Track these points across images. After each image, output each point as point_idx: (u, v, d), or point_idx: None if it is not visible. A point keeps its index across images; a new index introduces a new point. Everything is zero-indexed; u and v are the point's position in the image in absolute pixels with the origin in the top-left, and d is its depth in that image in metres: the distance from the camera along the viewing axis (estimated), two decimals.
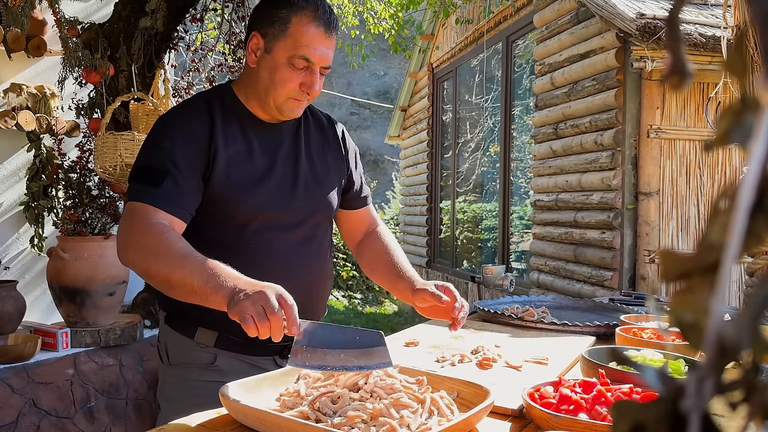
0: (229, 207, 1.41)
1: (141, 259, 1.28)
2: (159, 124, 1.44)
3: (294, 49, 1.38)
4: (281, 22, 1.39)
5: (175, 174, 1.34)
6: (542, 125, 5.19)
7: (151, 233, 1.27)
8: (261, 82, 1.43)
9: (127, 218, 1.33)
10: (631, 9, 3.96)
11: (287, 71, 1.39)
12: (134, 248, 1.29)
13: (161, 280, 1.25)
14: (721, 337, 0.25)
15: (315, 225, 1.53)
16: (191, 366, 1.46)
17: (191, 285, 1.19)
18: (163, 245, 1.25)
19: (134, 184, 1.36)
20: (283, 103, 1.43)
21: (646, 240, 4.08)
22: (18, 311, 2.81)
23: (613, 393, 1.03)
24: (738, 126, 0.28)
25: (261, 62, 1.42)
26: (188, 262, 1.21)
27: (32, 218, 3.90)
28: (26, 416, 2.58)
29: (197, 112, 1.43)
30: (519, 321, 1.84)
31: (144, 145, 1.43)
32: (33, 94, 3.84)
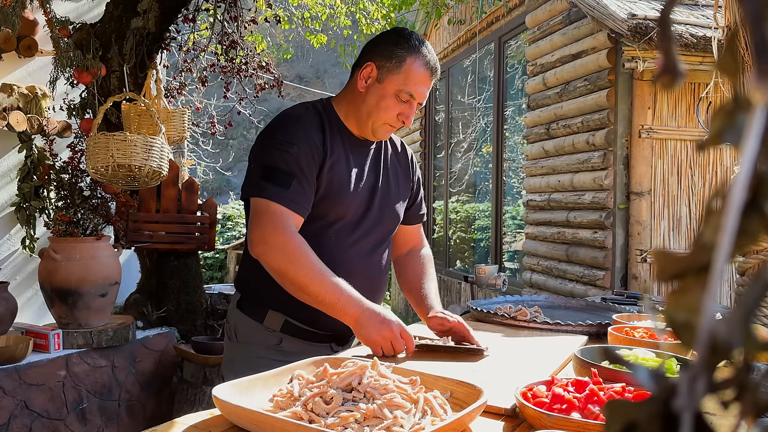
0: (326, 206, 1.61)
1: (283, 264, 1.48)
2: (282, 129, 1.61)
3: (404, 85, 1.61)
4: (398, 60, 1.61)
5: (301, 178, 1.54)
6: (534, 125, 5.21)
7: (294, 242, 1.49)
8: (366, 105, 1.64)
9: (265, 216, 1.51)
10: (622, 9, 3.97)
11: (392, 101, 1.62)
12: (278, 251, 1.49)
13: (297, 285, 1.48)
14: (713, 336, 0.25)
15: (383, 234, 1.74)
16: (259, 345, 1.65)
17: (323, 299, 1.46)
18: (304, 257, 1.48)
19: (264, 182, 1.53)
20: (380, 127, 1.65)
21: (638, 239, 4.10)
22: (9, 312, 2.79)
23: (605, 392, 1.03)
24: (731, 126, 0.28)
25: (371, 89, 1.63)
26: (324, 279, 1.46)
27: (24, 219, 3.87)
28: (18, 418, 2.57)
29: (315, 123, 1.63)
30: (512, 321, 1.84)
31: (266, 144, 1.60)
32: (24, 95, 3.81)
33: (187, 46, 3.82)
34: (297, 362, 1.23)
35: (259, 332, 1.65)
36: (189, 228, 3.66)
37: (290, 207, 1.51)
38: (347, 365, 1.12)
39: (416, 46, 1.63)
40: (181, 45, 3.80)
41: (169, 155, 2.84)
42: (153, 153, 2.67)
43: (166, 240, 3.57)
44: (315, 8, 6.73)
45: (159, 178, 2.80)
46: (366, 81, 1.64)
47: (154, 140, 2.68)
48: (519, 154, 6.16)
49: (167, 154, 2.79)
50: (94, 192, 3.04)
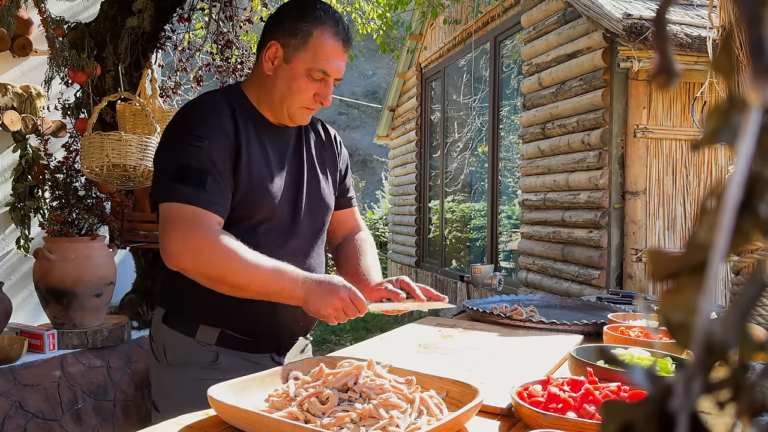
0: (248, 206, 1.45)
1: (213, 269, 1.34)
2: (189, 122, 1.44)
3: (314, 61, 1.44)
4: (303, 35, 1.44)
5: (216, 175, 1.38)
6: (530, 125, 5.21)
7: (219, 241, 1.33)
8: (277, 90, 1.48)
9: (180, 222, 1.34)
10: (617, 9, 3.98)
11: (304, 82, 1.45)
12: (204, 257, 1.34)
13: (236, 287, 1.35)
14: (709, 336, 0.25)
15: (317, 225, 1.60)
16: (192, 365, 1.46)
17: (267, 290, 1.33)
18: (235, 255, 1.32)
19: (176, 184, 1.36)
20: (297, 111, 1.49)
21: (633, 239, 4.11)
22: (4, 313, 2.78)
23: (601, 391, 1.03)
24: (725, 125, 0.28)
25: (279, 71, 1.47)
26: (263, 270, 1.33)
27: (18, 219, 3.86)
28: (12, 419, 2.56)
29: (225, 113, 1.46)
30: (507, 320, 1.84)
31: (173, 142, 1.43)
32: (18, 94, 3.80)
33: (183, 46, 3.81)
34: (292, 362, 1.23)
35: (192, 349, 1.47)
36: None
37: (209, 208, 1.35)
38: (343, 365, 1.12)
39: (322, 17, 1.46)
40: (176, 44, 3.79)
41: None
42: (148, 153, 2.66)
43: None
44: None
45: None
46: (272, 62, 1.47)
47: (150, 140, 2.68)
48: (514, 153, 6.16)
49: None
50: (89, 192, 3.03)
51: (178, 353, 1.48)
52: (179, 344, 1.48)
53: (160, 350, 1.51)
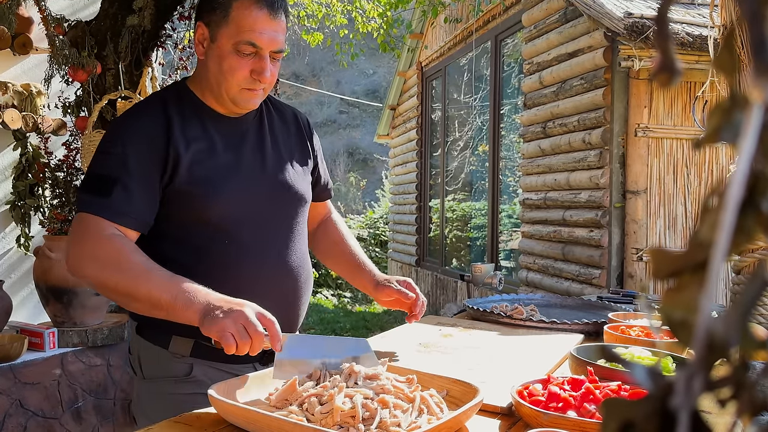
0: (199, 207, 1.34)
1: (98, 272, 1.24)
2: (110, 129, 1.39)
3: (238, 35, 1.31)
4: (222, 9, 1.32)
5: (127, 181, 1.28)
6: (531, 124, 5.21)
7: (108, 245, 1.23)
8: (211, 73, 1.37)
9: (78, 230, 1.28)
10: (618, 8, 3.98)
11: (235, 59, 1.33)
12: (90, 260, 1.25)
13: (122, 293, 1.23)
14: (710, 335, 0.25)
15: (291, 220, 1.47)
16: (167, 379, 1.37)
17: (157, 300, 1.18)
18: (123, 258, 1.22)
19: (83, 194, 1.30)
20: (237, 93, 1.36)
21: (634, 238, 4.10)
22: (4, 311, 2.79)
23: (601, 390, 1.03)
24: (727, 124, 0.28)
25: (208, 53, 1.37)
26: (153, 277, 1.20)
27: (18, 217, 3.86)
28: (13, 417, 2.56)
29: (151, 114, 1.36)
30: (508, 319, 1.84)
31: (95, 151, 1.36)
32: (19, 92, 3.80)
33: (183, 44, 3.81)
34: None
35: (166, 361, 1.37)
36: None
37: (108, 217, 1.26)
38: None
39: None
40: (176, 43, 3.79)
41: None
42: None
43: None
44: (311, 7, 6.73)
45: None
46: (202, 45, 1.37)
47: None
48: (515, 152, 6.16)
49: None
50: None
51: (152, 366, 1.39)
52: (153, 356, 1.39)
53: (136, 363, 1.43)
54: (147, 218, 1.31)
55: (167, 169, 1.31)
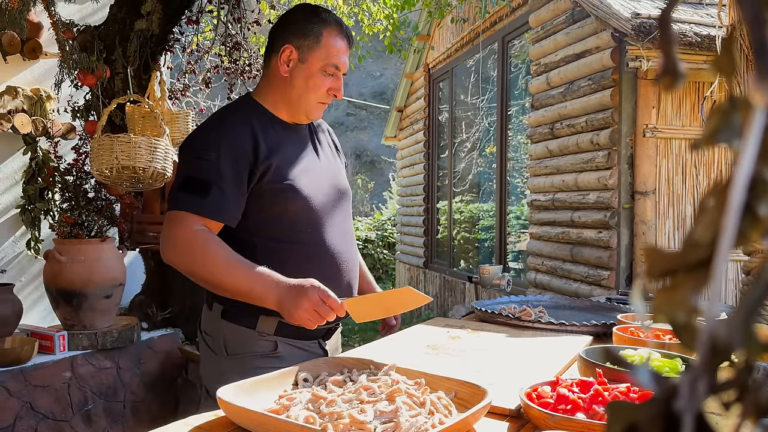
0: (282, 202, 1.56)
1: (191, 264, 1.47)
2: (201, 137, 1.58)
3: (327, 58, 1.60)
4: (314, 36, 1.60)
5: (221, 184, 1.49)
6: (538, 125, 5.20)
7: (197, 238, 1.45)
8: (295, 89, 1.61)
9: (174, 225, 1.48)
10: (626, 9, 3.96)
11: (320, 78, 1.60)
12: (184, 253, 1.46)
13: (210, 283, 1.47)
14: (714, 337, 0.25)
15: (346, 213, 1.72)
16: (254, 355, 1.56)
17: (239, 289, 1.44)
18: (212, 252, 1.44)
19: (182, 193, 1.49)
20: (314, 106, 1.63)
21: (643, 239, 4.09)
22: (15, 314, 2.80)
23: (610, 392, 1.03)
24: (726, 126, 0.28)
25: (295, 71, 1.61)
26: (234, 269, 1.43)
27: (29, 221, 3.89)
28: (23, 419, 2.58)
29: (238, 125, 1.56)
30: (516, 321, 1.84)
31: (187, 155, 1.56)
32: (29, 97, 3.83)
33: (191, 48, 3.83)
34: (300, 364, 1.23)
35: (253, 340, 1.56)
36: None
37: (205, 215, 1.48)
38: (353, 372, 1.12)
39: (328, 18, 1.64)
40: (184, 47, 3.81)
41: (173, 157, 2.84)
42: (157, 155, 2.68)
43: None
44: None
45: (163, 180, 2.80)
46: (288, 65, 1.61)
47: (159, 142, 2.69)
48: (523, 153, 6.15)
49: (171, 156, 2.80)
50: (99, 194, 3.05)
51: (239, 345, 1.57)
52: (240, 337, 1.57)
53: (218, 343, 1.59)
54: (237, 214, 1.53)
55: (256, 173, 1.53)
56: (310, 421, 0.94)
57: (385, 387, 1.05)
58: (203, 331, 1.66)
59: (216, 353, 1.60)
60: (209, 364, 1.64)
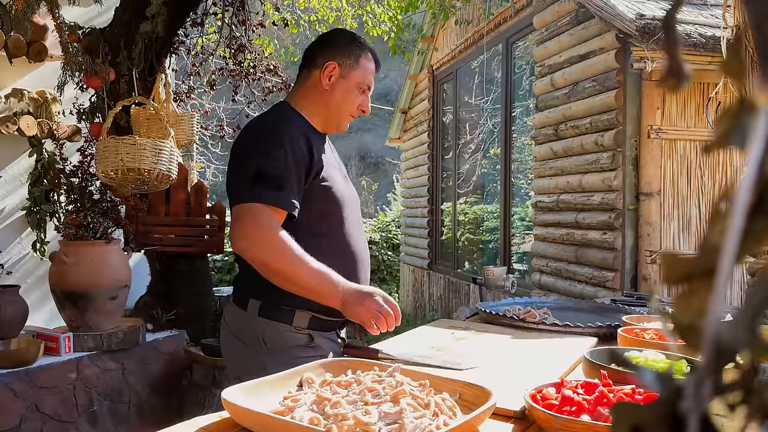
0: (328, 202, 1.76)
1: (264, 255, 1.59)
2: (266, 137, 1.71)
3: (362, 77, 1.82)
4: (355, 57, 1.82)
5: (291, 179, 1.65)
6: (543, 126, 5.19)
7: (275, 235, 1.59)
8: (334, 101, 1.81)
9: (249, 216, 1.61)
10: (630, 10, 3.96)
11: (355, 94, 1.83)
12: (259, 244, 1.59)
13: (281, 275, 1.60)
14: (719, 339, 0.25)
15: (359, 214, 1.91)
16: (291, 347, 1.70)
17: (307, 285, 1.60)
18: (286, 248, 1.59)
19: (257, 187, 1.62)
20: (345, 118, 1.85)
21: (648, 240, 4.08)
22: (21, 316, 2.81)
23: (615, 394, 1.03)
24: (736, 128, 0.28)
25: (336, 85, 1.81)
26: (306, 266, 1.59)
27: (34, 223, 3.90)
28: (29, 421, 2.58)
29: (296, 129, 1.73)
30: (521, 323, 1.83)
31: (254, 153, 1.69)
32: (34, 99, 3.84)
33: (196, 50, 3.84)
34: (304, 365, 1.23)
35: (290, 334, 1.70)
36: (198, 231, 3.67)
37: (283, 207, 1.63)
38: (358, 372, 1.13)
39: (364, 45, 1.87)
40: (189, 49, 3.82)
41: (178, 159, 2.85)
42: (162, 156, 2.69)
43: (176, 243, 3.59)
44: (322, 11, 6.75)
45: (168, 182, 2.81)
46: (330, 79, 1.80)
47: (164, 144, 2.70)
48: (527, 155, 6.14)
49: (176, 158, 2.80)
50: (104, 196, 3.06)
51: (279, 339, 1.70)
52: (278, 332, 1.70)
53: (256, 338, 1.72)
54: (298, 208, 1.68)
55: (311, 172, 1.71)
56: (314, 422, 0.94)
57: (389, 388, 1.05)
58: (236, 329, 1.78)
59: (252, 348, 1.72)
60: (244, 358, 1.75)
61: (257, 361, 1.69)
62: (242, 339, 1.75)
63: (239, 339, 1.76)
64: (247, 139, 1.74)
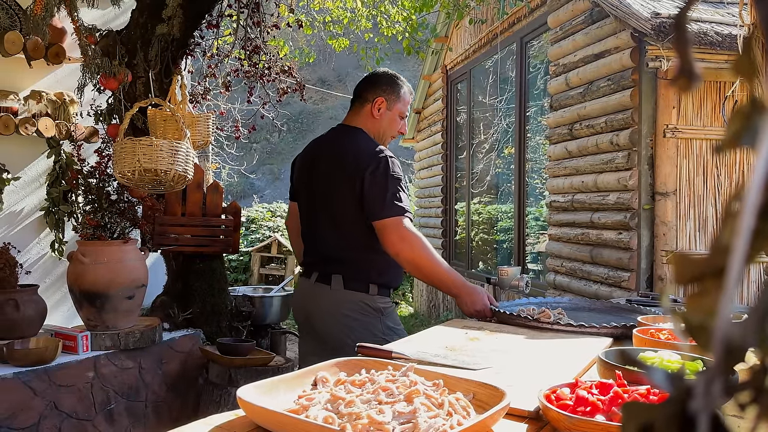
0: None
1: (416, 255, 2.14)
2: (387, 159, 2.23)
3: (402, 108, 2.42)
4: (397, 93, 2.41)
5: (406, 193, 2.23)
6: (557, 126, 5.17)
7: (421, 237, 2.17)
8: (382, 127, 2.39)
9: (401, 225, 2.15)
10: (645, 8, 3.93)
11: (397, 122, 2.42)
12: (412, 248, 2.14)
13: (423, 269, 2.17)
14: (729, 339, 0.25)
15: None
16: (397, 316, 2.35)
17: (447, 282, 2.19)
18: (431, 251, 2.17)
19: (398, 204, 2.17)
20: (388, 140, 2.42)
21: (664, 240, 4.04)
22: (39, 315, 2.85)
23: (630, 395, 1.02)
24: (747, 128, 0.28)
25: (383, 115, 2.38)
26: (443, 263, 2.21)
27: (53, 223, 3.95)
28: (48, 419, 2.62)
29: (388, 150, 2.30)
30: (535, 323, 1.83)
31: (385, 175, 2.20)
32: (52, 101, 3.89)
33: (211, 52, 3.86)
34: (319, 364, 1.24)
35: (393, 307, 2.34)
36: (214, 231, 3.70)
37: (410, 216, 2.20)
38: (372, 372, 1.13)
39: (403, 82, 2.45)
40: (205, 51, 3.85)
41: (194, 159, 2.87)
42: (178, 157, 2.71)
43: (192, 243, 3.61)
44: (336, 12, 6.76)
45: (184, 182, 2.83)
46: (378, 110, 2.37)
47: (180, 145, 2.72)
48: (541, 154, 6.11)
49: (192, 159, 2.83)
50: (121, 196, 3.09)
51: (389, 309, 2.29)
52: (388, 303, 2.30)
53: (378, 310, 2.25)
54: None
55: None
56: (328, 421, 0.95)
57: (403, 388, 1.05)
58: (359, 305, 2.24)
59: (374, 317, 2.24)
60: (365, 327, 2.22)
61: (377, 326, 2.22)
62: (365, 312, 2.24)
63: (363, 313, 2.24)
64: (384, 161, 2.22)
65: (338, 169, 2.25)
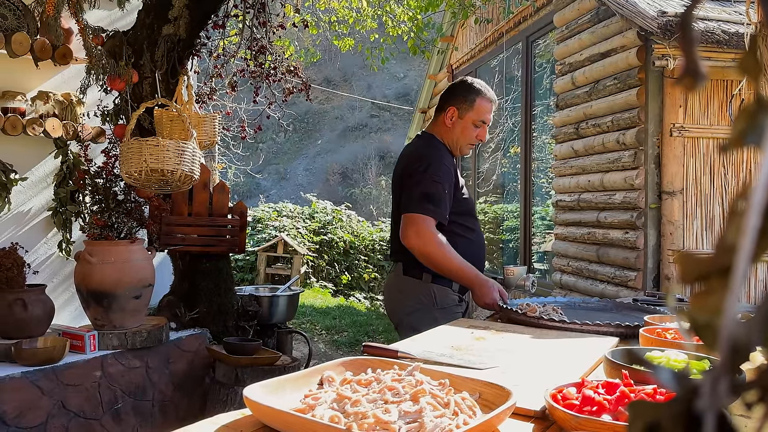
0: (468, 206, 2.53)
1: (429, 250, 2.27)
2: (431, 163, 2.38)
3: (476, 116, 2.49)
4: (470, 102, 2.49)
5: (445, 198, 2.33)
6: (563, 125, 5.16)
7: (437, 236, 2.27)
8: (454, 134, 2.50)
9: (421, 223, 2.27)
10: (652, 7, 3.91)
11: (471, 129, 2.50)
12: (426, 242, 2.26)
13: (438, 263, 2.29)
14: (735, 337, 0.25)
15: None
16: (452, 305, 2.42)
17: (459, 273, 2.31)
18: (446, 246, 2.28)
19: (425, 203, 2.29)
20: (465, 147, 2.53)
21: (670, 239, 4.03)
22: (47, 315, 2.86)
23: (636, 394, 1.02)
24: (753, 127, 0.28)
25: (455, 124, 2.49)
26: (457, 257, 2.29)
27: (60, 223, 3.97)
28: (55, 417, 2.63)
29: (445, 156, 2.45)
30: (536, 320, 1.83)
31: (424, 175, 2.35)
32: (60, 102, 3.91)
33: (217, 52, 3.87)
34: (325, 363, 1.24)
35: (449, 295, 2.42)
36: (220, 231, 3.71)
37: (438, 218, 2.30)
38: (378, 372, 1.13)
39: (479, 89, 2.50)
40: (211, 51, 3.86)
41: (200, 159, 2.88)
42: (185, 157, 2.72)
43: (198, 243, 3.62)
44: (342, 12, 6.77)
45: (191, 182, 2.84)
46: (451, 119, 2.49)
47: (186, 145, 2.73)
48: (547, 153, 6.10)
49: (199, 159, 2.83)
50: (128, 196, 3.10)
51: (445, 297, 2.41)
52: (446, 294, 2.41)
53: (430, 299, 2.40)
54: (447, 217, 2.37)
55: (456, 188, 2.43)
56: (335, 420, 0.95)
57: (409, 387, 1.05)
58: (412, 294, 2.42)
59: (428, 305, 2.39)
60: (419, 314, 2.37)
61: (431, 315, 2.32)
62: (420, 300, 2.40)
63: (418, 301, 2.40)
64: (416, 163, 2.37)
65: (402, 170, 2.49)
